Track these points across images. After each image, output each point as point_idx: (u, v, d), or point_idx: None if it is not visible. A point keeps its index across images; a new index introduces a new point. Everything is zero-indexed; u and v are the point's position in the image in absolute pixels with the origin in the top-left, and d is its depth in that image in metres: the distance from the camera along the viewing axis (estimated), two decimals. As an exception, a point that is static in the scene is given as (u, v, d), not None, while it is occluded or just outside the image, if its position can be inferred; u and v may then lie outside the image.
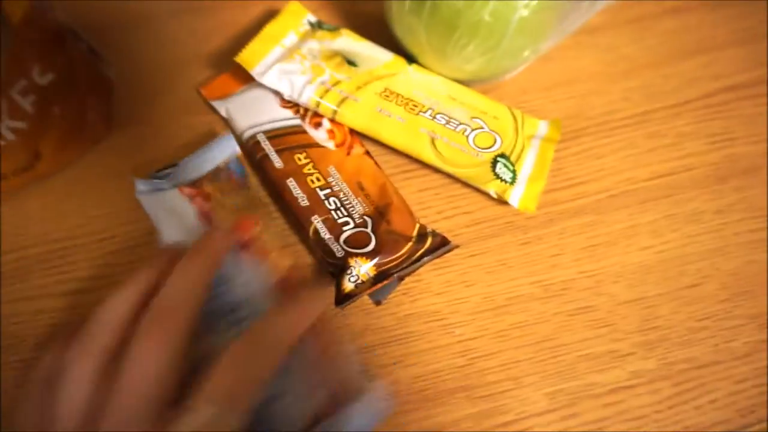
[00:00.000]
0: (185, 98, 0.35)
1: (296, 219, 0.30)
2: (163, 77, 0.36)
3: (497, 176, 0.31)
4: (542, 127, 0.33)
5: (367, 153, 0.32)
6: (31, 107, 0.29)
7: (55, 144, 0.32)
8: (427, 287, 0.30)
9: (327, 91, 0.31)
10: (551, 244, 0.31)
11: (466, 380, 0.28)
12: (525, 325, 0.29)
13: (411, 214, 0.30)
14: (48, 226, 0.32)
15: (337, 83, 0.32)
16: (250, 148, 0.31)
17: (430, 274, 0.30)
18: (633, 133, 0.35)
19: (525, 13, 0.29)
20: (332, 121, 0.32)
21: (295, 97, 0.31)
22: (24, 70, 0.28)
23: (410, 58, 0.34)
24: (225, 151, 0.30)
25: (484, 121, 0.32)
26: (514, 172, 0.31)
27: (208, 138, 0.34)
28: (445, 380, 0.28)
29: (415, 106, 0.32)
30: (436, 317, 0.30)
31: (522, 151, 0.32)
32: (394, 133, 0.31)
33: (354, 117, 0.31)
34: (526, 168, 0.31)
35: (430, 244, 0.29)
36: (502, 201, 0.31)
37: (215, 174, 0.30)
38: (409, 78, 0.33)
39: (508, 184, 0.31)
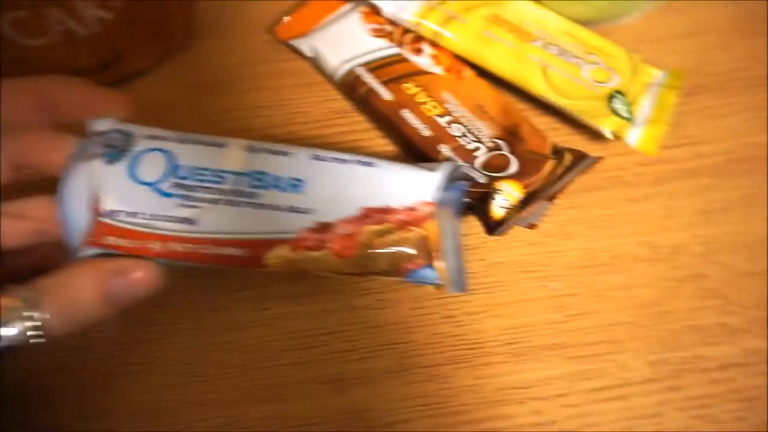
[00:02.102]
0: (270, 11, 0.33)
1: (420, 151, 0.27)
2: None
3: (614, 112, 0.28)
4: (660, 77, 0.30)
5: (479, 75, 0.29)
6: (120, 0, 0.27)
7: (136, 45, 0.30)
8: (521, 235, 0.28)
9: (432, 9, 0.29)
10: (661, 205, 0.28)
11: (561, 337, 0.26)
12: (628, 287, 0.27)
13: (540, 131, 0.28)
14: (121, 131, 0.30)
15: (443, 1, 0.29)
16: (350, 84, 0.29)
17: (526, 222, 0.28)
18: (760, 95, 0.31)
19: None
20: (434, 45, 0.29)
21: (396, 13, 0.29)
22: (116, -44, 0.26)
23: (520, -11, 0.31)
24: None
25: (599, 58, 0.29)
26: (631, 113, 0.28)
27: (291, 55, 0.32)
28: (539, 335, 0.26)
29: (525, 33, 0.29)
30: (528, 268, 0.27)
31: (637, 95, 0.29)
32: (501, 59, 0.28)
33: (458, 39, 0.29)
34: (643, 111, 0.28)
35: (571, 159, 0.26)
36: (615, 141, 0.28)
37: None
38: (519, 9, 0.30)
39: (626, 121, 0.27)
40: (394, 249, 0.22)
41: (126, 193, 0.21)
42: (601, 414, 0.25)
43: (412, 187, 0.23)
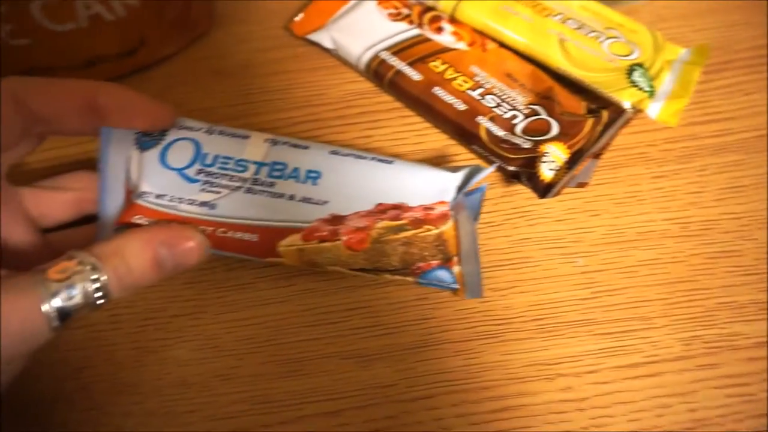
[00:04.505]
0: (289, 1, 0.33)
1: (458, 127, 0.27)
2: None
3: (633, 84, 0.27)
4: (684, 54, 0.30)
5: (502, 45, 0.29)
6: (145, -17, 0.28)
7: (160, 32, 0.30)
8: (548, 212, 0.27)
9: (448, -16, 0.29)
10: (690, 181, 0.28)
11: (589, 314, 0.25)
12: (657, 263, 0.26)
13: (572, 94, 0.28)
14: (146, 116, 0.30)
15: (460, -21, 0.29)
16: (376, 69, 0.29)
17: (551, 199, 0.27)
18: (788, 70, 0.31)
19: None
20: (453, 22, 0.29)
21: (411, -10, 0.29)
22: (142, -59, 0.27)
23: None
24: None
25: (620, 33, 0.29)
26: (652, 86, 0.27)
27: (308, 44, 0.32)
28: (566, 312, 0.25)
29: (544, 8, 0.29)
30: (556, 245, 0.27)
31: (660, 71, 0.28)
32: (518, 32, 0.29)
33: (476, 12, 0.29)
34: (665, 86, 0.28)
35: (608, 116, 0.27)
36: (640, 118, 0.27)
37: None
38: (538, -14, 0.30)
39: (646, 94, 0.27)
40: (407, 247, 0.22)
41: (156, 177, 0.23)
42: (633, 391, 0.24)
43: (429, 187, 0.23)
